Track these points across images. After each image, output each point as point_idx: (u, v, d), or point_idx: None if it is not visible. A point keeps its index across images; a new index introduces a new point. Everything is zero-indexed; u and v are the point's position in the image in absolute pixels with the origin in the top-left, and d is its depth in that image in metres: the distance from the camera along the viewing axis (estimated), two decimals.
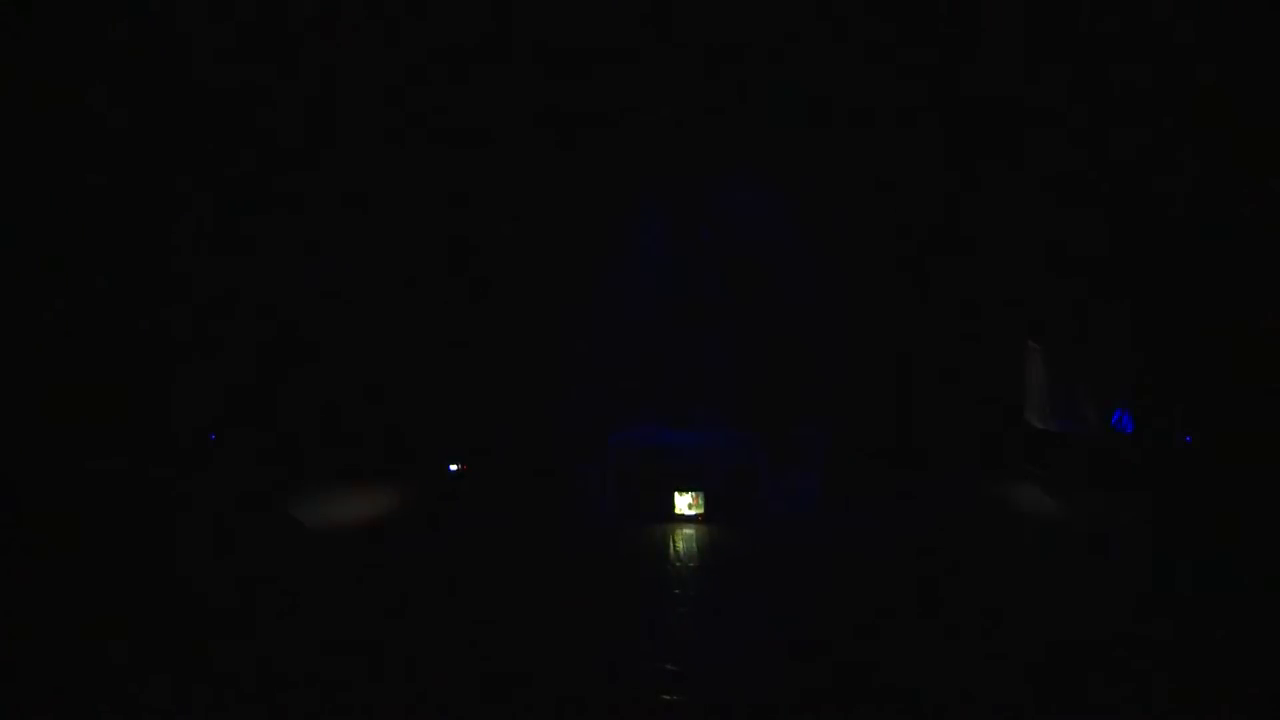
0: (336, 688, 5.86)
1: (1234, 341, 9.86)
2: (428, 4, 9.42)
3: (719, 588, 7.47)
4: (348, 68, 9.78)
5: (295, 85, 9.74)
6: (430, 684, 5.88)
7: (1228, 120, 9.27)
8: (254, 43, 9.26)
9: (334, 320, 10.73)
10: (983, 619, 6.97)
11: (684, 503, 8.95)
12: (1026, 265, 10.45)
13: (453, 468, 10.02)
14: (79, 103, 8.81)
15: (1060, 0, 9.36)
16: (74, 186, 9.44)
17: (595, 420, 10.29)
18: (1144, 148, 9.86)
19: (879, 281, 10.78)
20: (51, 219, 9.22)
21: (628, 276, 10.87)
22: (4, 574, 7.26)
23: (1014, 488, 9.86)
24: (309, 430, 10.66)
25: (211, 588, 6.97)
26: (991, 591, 7.42)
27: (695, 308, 8.99)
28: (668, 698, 5.76)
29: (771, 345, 10.85)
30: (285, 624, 6.73)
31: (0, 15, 8.11)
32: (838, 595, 7.38)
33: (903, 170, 10.54)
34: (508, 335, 10.88)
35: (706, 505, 8.97)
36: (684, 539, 8.54)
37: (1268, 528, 8.44)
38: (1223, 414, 9.82)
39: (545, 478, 9.51)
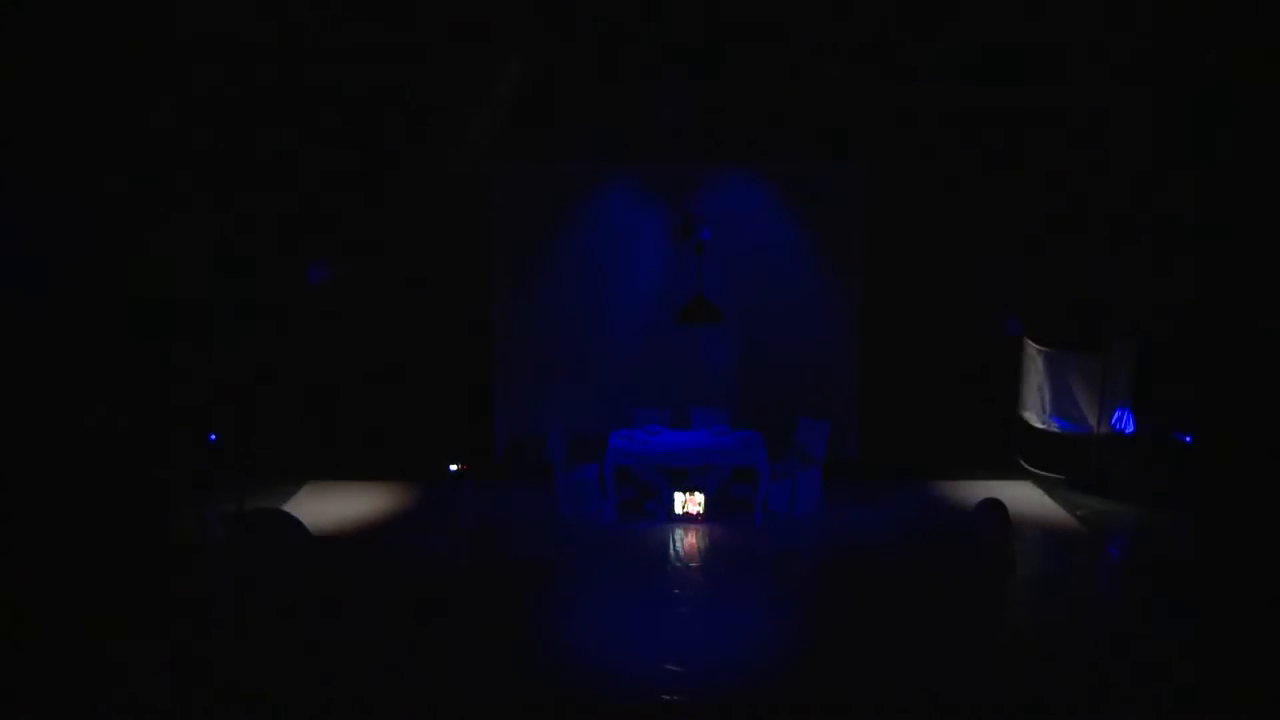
0: (337, 688, 5.86)
1: (1236, 342, 9.86)
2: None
3: (719, 588, 7.47)
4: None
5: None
6: (429, 684, 5.88)
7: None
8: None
9: (333, 318, 10.74)
10: (984, 620, 6.97)
11: (684, 503, 8.95)
12: (1026, 264, 10.45)
13: (452, 468, 10.00)
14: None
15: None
16: (73, 186, 9.43)
17: (595, 419, 10.29)
18: (1143, 146, 9.88)
19: (880, 280, 10.78)
20: (49, 216, 9.21)
21: (628, 276, 10.87)
22: (4, 574, 7.25)
23: (1014, 488, 9.86)
24: (308, 430, 10.68)
25: (210, 588, 6.97)
26: (992, 592, 7.42)
27: (696, 307, 8.97)
28: (668, 698, 5.77)
29: (772, 344, 10.85)
30: (285, 625, 6.74)
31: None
32: (839, 596, 7.38)
33: (900, 169, 10.54)
34: (506, 334, 10.89)
35: (706, 505, 8.97)
36: (684, 539, 8.54)
37: (1267, 528, 8.44)
38: (1223, 414, 9.81)
39: (544, 477, 9.50)
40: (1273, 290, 9.60)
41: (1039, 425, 10.32)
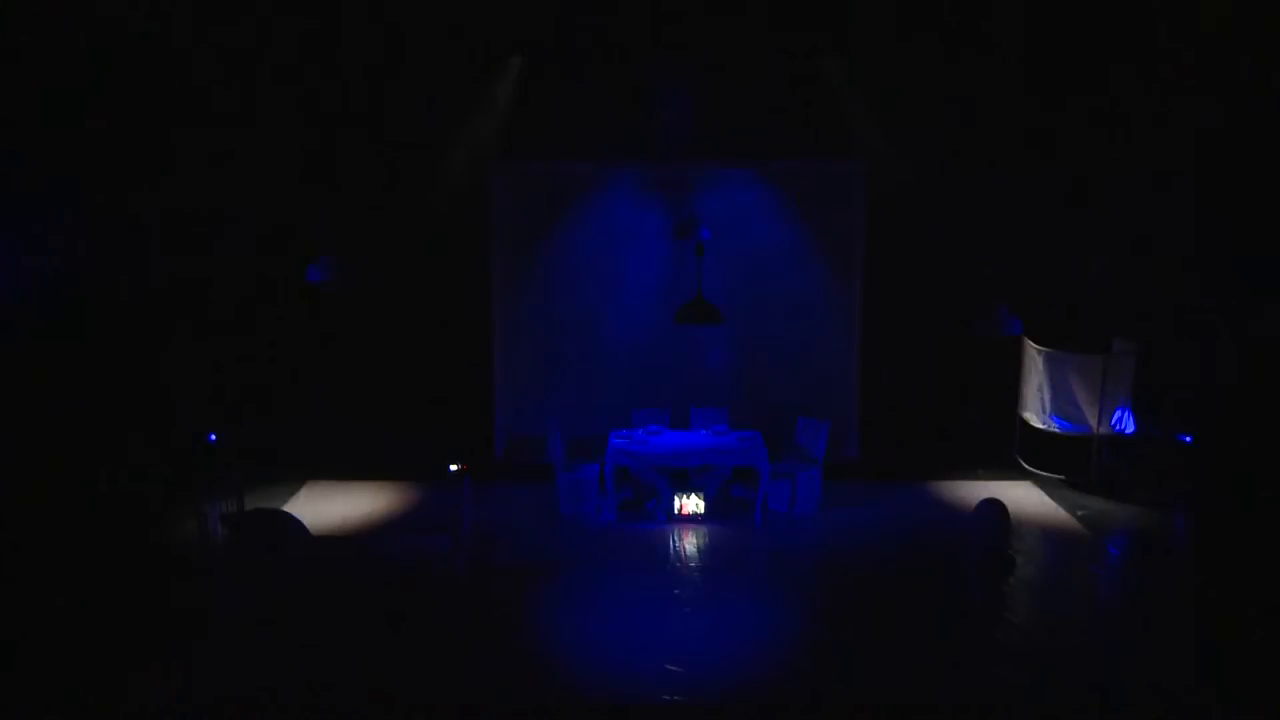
0: (335, 690, 5.86)
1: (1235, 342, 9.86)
2: None
3: (719, 588, 7.47)
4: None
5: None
6: (429, 685, 5.88)
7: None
8: None
9: (333, 319, 10.74)
10: (984, 620, 6.98)
11: (684, 503, 8.94)
12: (1026, 264, 10.46)
13: (452, 468, 10.00)
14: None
15: None
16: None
17: (595, 419, 10.29)
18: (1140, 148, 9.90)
19: (879, 280, 10.77)
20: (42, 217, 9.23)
21: (628, 276, 10.86)
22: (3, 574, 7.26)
23: (1014, 488, 9.86)
24: (308, 430, 10.67)
25: (211, 587, 6.97)
26: (992, 591, 7.43)
27: (696, 307, 8.98)
28: (668, 698, 5.77)
29: (772, 344, 10.84)
30: (285, 623, 6.74)
31: None
32: (839, 596, 7.38)
33: (900, 168, 10.55)
34: (506, 334, 10.89)
35: (706, 505, 8.97)
36: (684, 539, 8.54)
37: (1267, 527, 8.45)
38: (1224, 414, 9.82)
39: (544, 477, 9.50)
40: (1271, 291, 9.61)
41: (1039, 425, 10.32)
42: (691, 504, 8.94)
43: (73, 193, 9.36)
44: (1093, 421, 9.89)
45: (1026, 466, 10.47)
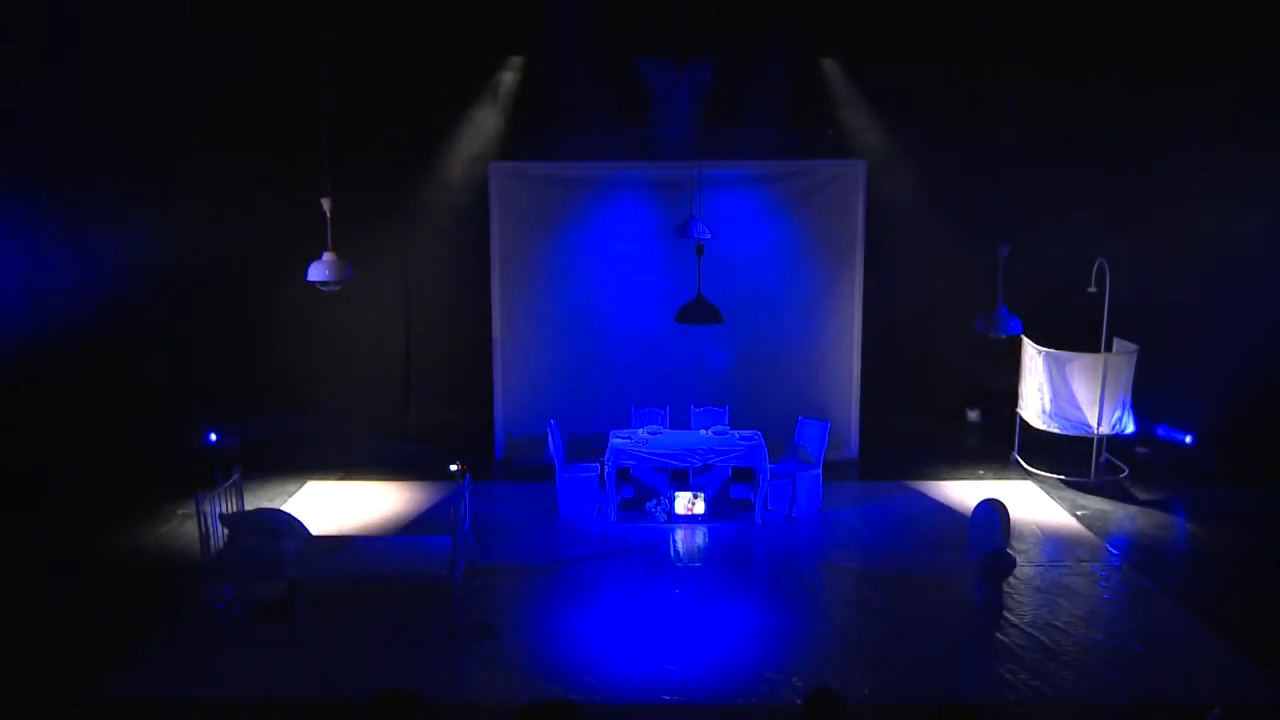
0: (333, 689, 5.86)
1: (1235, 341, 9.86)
2: None
3: (719, 588, 7.47)
4: None
5: None
6: (427, 685, 5.88)
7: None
8: None
9: (333, 319, 10.74)
10: (984, 620, 6.98)
11: (684, 503, 8.94)
12: (1026, 263, 10.46)
13: (452, 468, 10.01)
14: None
15: None
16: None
17: (595, 419, 10.28)
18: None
19: (879, 279, 10.77)
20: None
21: (627, 276, 10.85)
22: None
23: (1014, 488, 9.85)
24: (308, 429, 10.68)
25: (210, 587, 6.98)
26: (991, 591, 7.42)
27: (695, 307, 8.98)
28: (668, 698, 5.77)
29: (772, 344, 10.83)
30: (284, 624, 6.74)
31: None
32: (839, 596, 7.38)
33: (900, 167, 10.56)
34: (506, 334, 10.89)
35: (706, 505, 8.96)
36: (684, 539, 8.54)
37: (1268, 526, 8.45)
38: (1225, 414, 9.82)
39: (544, 477, 9.50)
40: (1271, 292, 9.61)
41: (1039, 425, 10.32)
42: (691, 504, 8.94)
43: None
44: (1093, 421, 9.89)
45: (1026, 466, 10.47)
